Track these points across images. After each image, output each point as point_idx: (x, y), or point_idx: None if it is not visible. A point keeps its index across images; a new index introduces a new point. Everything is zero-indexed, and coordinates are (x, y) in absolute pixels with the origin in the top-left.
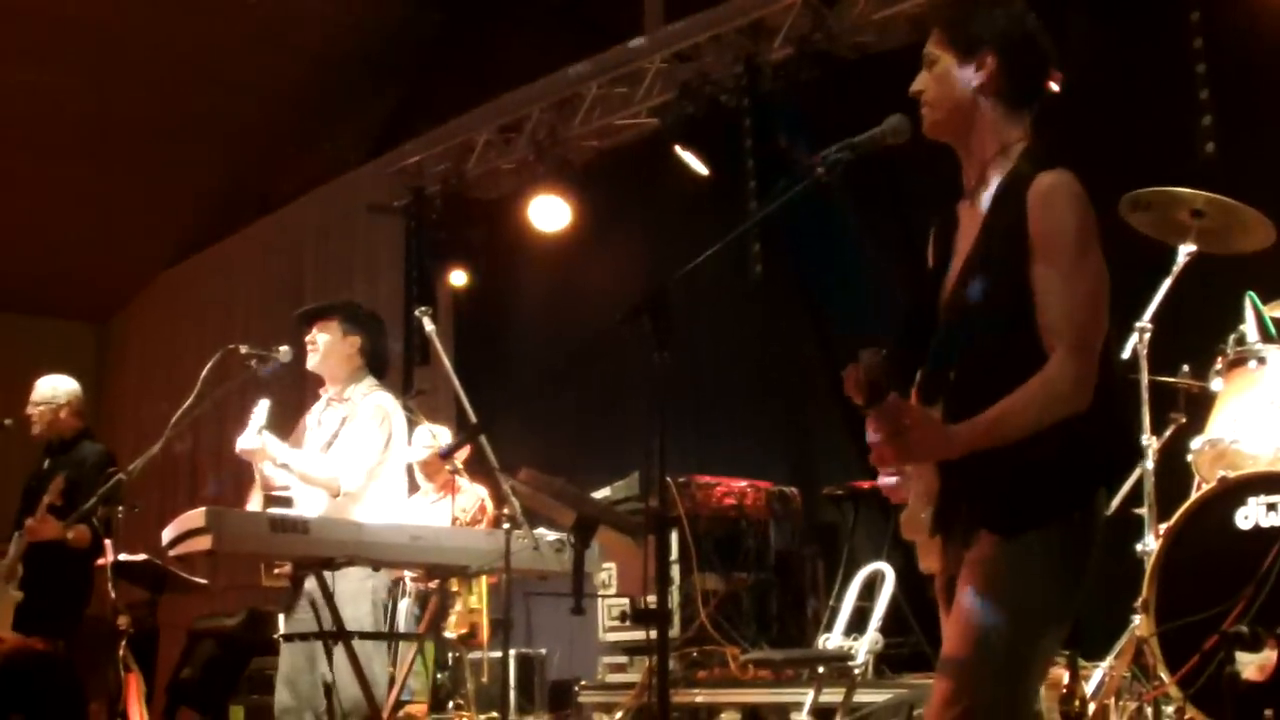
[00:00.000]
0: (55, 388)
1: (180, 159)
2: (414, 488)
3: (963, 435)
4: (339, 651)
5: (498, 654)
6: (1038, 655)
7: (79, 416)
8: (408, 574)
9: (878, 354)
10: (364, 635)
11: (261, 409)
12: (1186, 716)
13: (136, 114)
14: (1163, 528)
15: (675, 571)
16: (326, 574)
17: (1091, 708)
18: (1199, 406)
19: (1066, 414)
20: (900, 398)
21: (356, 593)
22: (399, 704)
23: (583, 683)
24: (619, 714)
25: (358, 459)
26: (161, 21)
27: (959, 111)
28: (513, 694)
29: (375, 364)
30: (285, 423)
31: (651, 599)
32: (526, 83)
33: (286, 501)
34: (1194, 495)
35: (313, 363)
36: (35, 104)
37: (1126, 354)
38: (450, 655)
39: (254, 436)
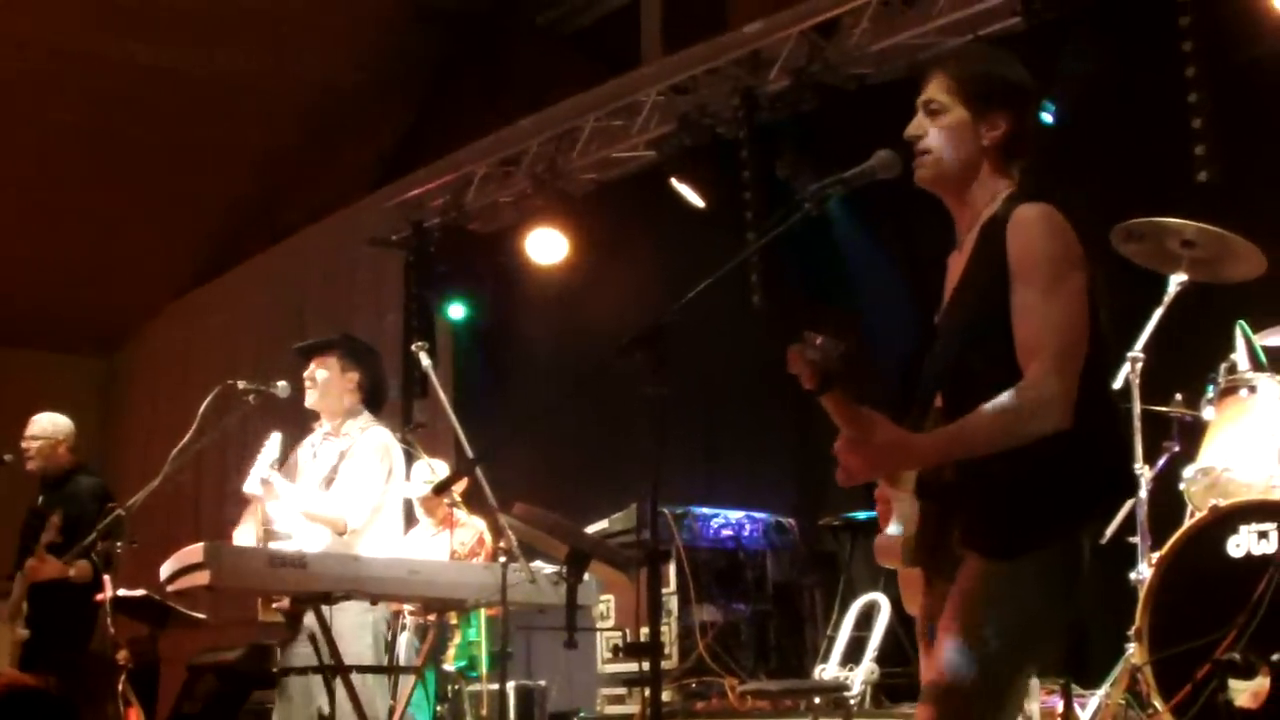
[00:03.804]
0: (54, 423)
1: (185, 191)
2: (413, 522)
3: (925, 444)
4: (339, 686)
5: (496, 686)
6: (1018, 681)
7: (74, 453)
8: (406, 607)
9: (833, 343)
10: (362, 669)
11: (272, 445)
12: None
13: (141, 147)
14: (1155, 556)
15: (674, 603)
16: (325, 609)
17: None
18: (1191, 435)
19: (1042, 430)
20: (869, 406)
21: (357, 626)
22: None
23: (581, 714)
24: None
25: (362, 496)
26: (164, 58)
27: (965, 168)
28: None
29: (373, 398)
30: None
31: (645, 631)
32: (528, 115)
33: (284, 536)
34: (1186, 523)
35: (311, 399)
36: (40, 136)
37: (1119, 383)
38: (450, 688)
39: (263, 475)
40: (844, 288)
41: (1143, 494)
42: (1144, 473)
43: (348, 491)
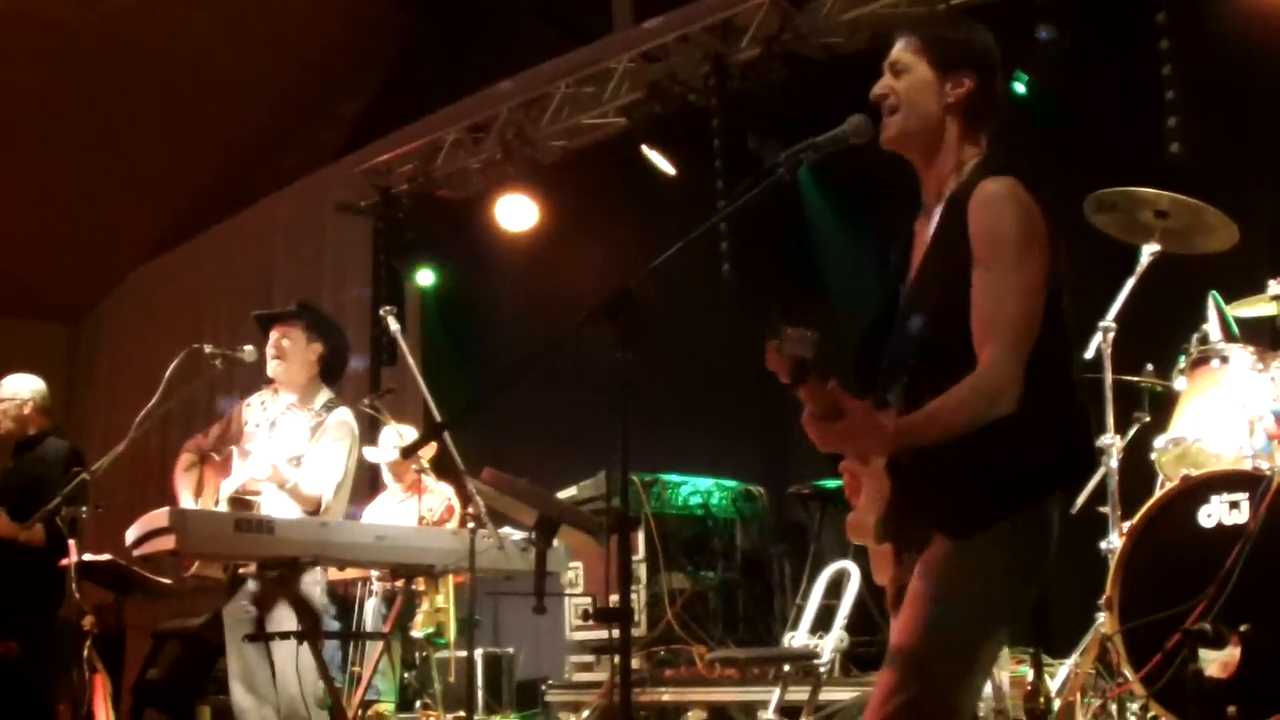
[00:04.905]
0: (20, 385)
1: (150, 158)
2: (381, 487)
3: (895, 429)
4: (282, 650)
5: (464, 653)
6: (984, 653)
7: (45, 415)
8: (374, 573)
9: (806, 334)
10: (330, 635)
11: (286, 439)
12: (1150, 714)
13: (106, 114)
14: (1126, 526)
15: (642, 570)
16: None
17: (1056, 705)
18: (1162, 405)
19: (996, 415)
20: (838, 384)
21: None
22: (366, 703)
23: (550, 682)
24: (585, 713)
25: (333, 477)
26: (130, 23)
27: (927, 125)
28: (480, 693)
29: (330, 371)
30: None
31: (614, 598)
32: (497, 82)
33: (248, 505)
34: (1157, 494)
35: (274, 368)
36: (3, 102)
37: (1091, 353)
38: (417, 655)
39: (276, 461)
40: (814, 258)
41: (1114, 464)
42: (1115, 443)
43: (321, 472)
